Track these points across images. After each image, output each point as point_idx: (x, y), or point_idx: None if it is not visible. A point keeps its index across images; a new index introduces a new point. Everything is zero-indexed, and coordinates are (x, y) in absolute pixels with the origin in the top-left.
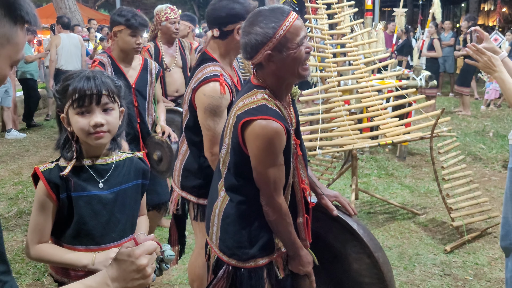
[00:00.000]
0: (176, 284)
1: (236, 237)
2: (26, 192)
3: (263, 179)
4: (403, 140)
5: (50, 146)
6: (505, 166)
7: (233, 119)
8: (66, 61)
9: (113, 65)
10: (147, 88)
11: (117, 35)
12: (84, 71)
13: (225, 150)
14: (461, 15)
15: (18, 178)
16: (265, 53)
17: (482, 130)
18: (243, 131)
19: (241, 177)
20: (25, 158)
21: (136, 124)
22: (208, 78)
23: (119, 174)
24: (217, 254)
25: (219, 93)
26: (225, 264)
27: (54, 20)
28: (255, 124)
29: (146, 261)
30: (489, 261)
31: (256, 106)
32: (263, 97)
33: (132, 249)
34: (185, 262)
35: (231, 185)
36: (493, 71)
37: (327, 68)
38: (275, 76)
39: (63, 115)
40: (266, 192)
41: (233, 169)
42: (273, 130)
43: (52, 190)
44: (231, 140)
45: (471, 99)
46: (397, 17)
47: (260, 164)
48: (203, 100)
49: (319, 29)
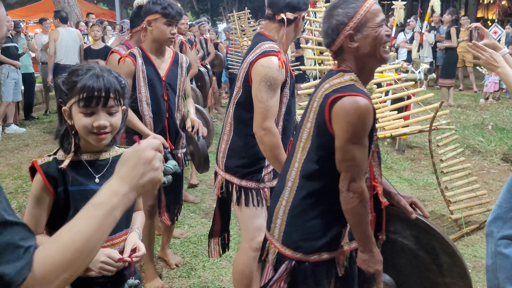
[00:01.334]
0: (176, 277)
1: (303, 228)
2: (25, 187)
3: (348, 159)
4: (402, 133)
5: (49, 141)
6: (504, 159)
7: (318, 101)
8: (65, 56)
9: (143, 57)
10: (177, 82)
11: (151, 25)
12: (93, 68)
13: (306, 135)
14: (460, 8)
15: (17, 173)
16: (347, 33)
17: (481, 123)
18: (331, 109)
19: (321, 162)
20: (24, 153)
21: (165, 119)
22: (267, 52)
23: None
24: (279, 249)
25: (277, 66)
26: (287, 259)
27: (52, 14)
28: (345, 100)
29: (153, 153)
30: None
31: (345, 85)
32: (351, 79)
33: (136, 144)
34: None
35: (309, 172)
36: (495, 67)
37: (326, 62)
38: (357, 58)
39: (65, 108)
40: (348, 175)
41: (313, 153)
42: (364, 106)
43: (49, 184)
44: (316, 120)
45: (469, 92)
46: (396, 10)
47: (347, 142)
48: (260, 71)
49: (317, 22)
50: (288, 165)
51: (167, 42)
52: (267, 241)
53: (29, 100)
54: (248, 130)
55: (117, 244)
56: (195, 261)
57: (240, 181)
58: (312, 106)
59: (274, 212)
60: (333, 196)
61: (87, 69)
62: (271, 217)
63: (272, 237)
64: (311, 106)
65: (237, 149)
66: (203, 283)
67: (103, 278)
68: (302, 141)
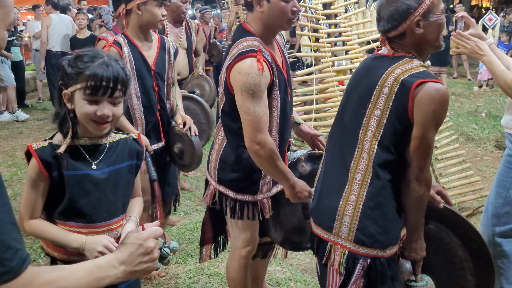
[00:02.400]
0: (172, 263)
1: (382, 220)
2: (20, 174)
3: (425, 148)
4: None
5: (44, 128)
6: (497, 146)
7: (393, 86)
8: (58, 42)
9: (129, 45)
10: (165, 69)
11: (140, 8)
12: (100, 56)
13: (375, 123)
14: None
15: (12, 160)
16: (415, 19)
17: (475, 111)
18: (415, 95)
19: (395, 150)
20: (18, 140)
21: (157, 111)
22: (244, 54)
23: (112, 155)
24: (349, 249)
25: (256, 70)
26: (361, 257)
27: (44, 1)
28: (429, 86)
29: (154, 244)
30: None
31: (419, 71)
32: (421, 64)
33: (140, 232)
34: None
35: (383, 161)
36: (481, 56)
37: (321, 49)
38: (417, 45)
39: (67, 92)
40: (420, 164)
41: (388, 141)
42: (447, 93)
43: (44, 168)
44: (393, 107)
45: (463, 80)
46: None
47: (428, 130)
48: (239, 79)
49: (313, 9)
50: (345, 157)
51: (158, 25)
52: (325, 242)
53: (20, 87)
54: (239, 141)
55: (113, 229)
56: (191, 248)
57: (236, 194)
58: (381, 91)
59: (338, 210)
60: (400, 184)
61: (95, 56)
62: (332, 216)
63: (337, 237)
64: (379, 91)
65: (229, 162)
66: (199, 269)
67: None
68: (370, 129)
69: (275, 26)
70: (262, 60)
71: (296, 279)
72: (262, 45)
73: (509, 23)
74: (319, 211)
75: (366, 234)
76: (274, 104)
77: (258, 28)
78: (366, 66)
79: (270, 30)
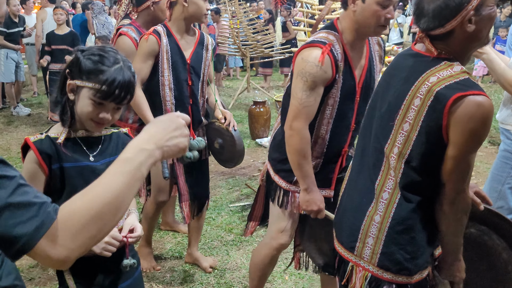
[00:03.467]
0: (168, 257)
1: (411, 246)
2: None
3: (463, 170)
4: None
5: (39, 123)
6: (491, 142)
7: (426, 98)
8: None
9: (168, 36)
10: (201, 65)
11: (186, 1)
12: (118, 60)
13: (403, 139)
14: None
15: (7, 154)
16: (468, 15)
17: None
18: (450, 113)
19: (425, 171)
20: (13, 134)
21: (188, 106)
22: (313, 43)
23: (108, 147)
24: (372, 273)
25: (317, 61)
26: (385, 283)
27: None
28: (469, 102)
29: (184, 122)
30: None
31: (460, 80)
32: (463, 70)
33: (170, 113)
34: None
35: (411, 182)
36: (480, 53)
37: None
38: (465, 44)
39: (72, 83)
40: (457, 186)
41: (417, 161)
42: (490, 109)
43: (44, 161)
44: (424, 123)
45: None
46: None
47: (467, 152)
48: (299, 64)
49: (309, 3)
50: (371, 172)
51: (203, 18)
52: (346, 262)
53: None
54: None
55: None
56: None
57: (274, 174)
58: (412, 103)
59: (361, 230)
60: (433, 205)
61: (114, 61)
62: (354, 236)
63: (358, 258)
64: (410, 103)
65: (276, 141)
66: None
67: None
68: (397, 145)
69: (363, 28)
70: (326, 54)
71: (291, 273)
72: (339, 42)
73: (505, 18)
74: (342, 228)
75: (392, 260)
76: (330, 103)
77: (346, 27)
78: (399, 66)
79: (357, 32)
